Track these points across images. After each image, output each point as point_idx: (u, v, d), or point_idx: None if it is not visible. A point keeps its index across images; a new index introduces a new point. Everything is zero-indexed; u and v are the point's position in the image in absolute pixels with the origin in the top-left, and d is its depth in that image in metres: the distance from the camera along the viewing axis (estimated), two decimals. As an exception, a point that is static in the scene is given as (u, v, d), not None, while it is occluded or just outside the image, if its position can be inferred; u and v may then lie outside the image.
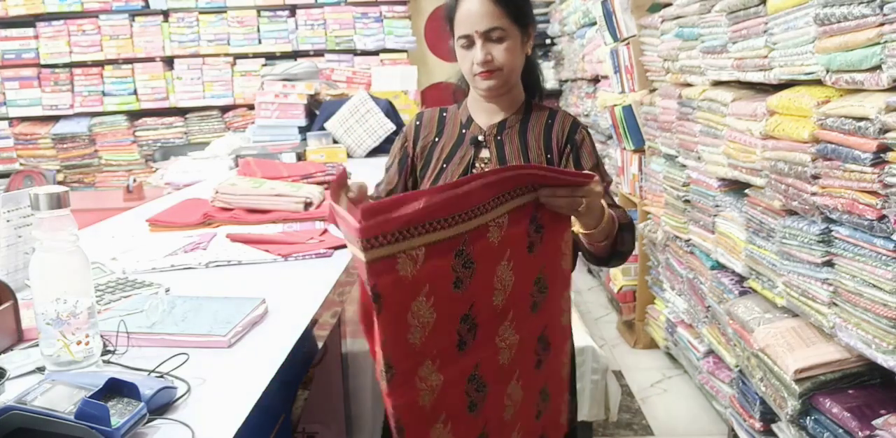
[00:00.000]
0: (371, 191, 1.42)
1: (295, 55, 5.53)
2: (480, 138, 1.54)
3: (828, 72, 1.65)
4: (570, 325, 1.35)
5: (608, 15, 3.49)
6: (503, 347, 1.16)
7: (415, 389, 1.04)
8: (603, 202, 1.31)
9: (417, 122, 1.60)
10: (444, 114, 1.61)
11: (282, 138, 3.60)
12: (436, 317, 1.04)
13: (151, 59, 5.60)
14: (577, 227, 1.32)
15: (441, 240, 1.03)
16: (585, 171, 1.21)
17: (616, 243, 1.39)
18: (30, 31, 5.54)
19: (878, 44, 1.45)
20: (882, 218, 1.48)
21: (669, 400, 2.99)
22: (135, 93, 5.62)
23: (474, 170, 1.52)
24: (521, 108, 1.56)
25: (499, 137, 1.53)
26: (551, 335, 1.26)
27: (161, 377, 1.00)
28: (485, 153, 1.53)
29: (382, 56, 5.60)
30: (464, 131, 1.56)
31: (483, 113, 1.56)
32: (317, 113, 3.69)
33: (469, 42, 1.44)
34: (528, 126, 1.54)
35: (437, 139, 1.57)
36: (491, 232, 1.09)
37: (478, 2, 1.42)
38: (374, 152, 3.49)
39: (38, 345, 1.03)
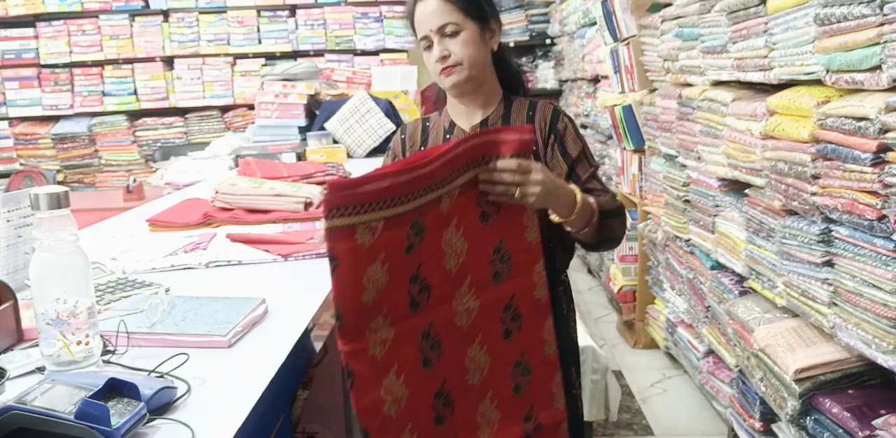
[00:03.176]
0: None
1: (295, 55, 5.54)
2: None
3: (828, 72, 1.65)
4: (547, 302, 1.34)
5: (608, 15, 3.49)
6: (460, 310, 1.23)
7: (364, 338, 1.12)
8: (577, 191, 1.36)
9: (402, 136, 1.60)
10: (427, 124, 1.60)
11: (282, 138, 3.60)
12: (389, 279, 1.13)
13: (151, 59, 5.60)
14: (552, 216, 1.37)
15: (399, 214, 1.13)
16: (525, 126, 1.33)
17: (602, 229, 1.41)
18: (30, 31, 5.54)
19: (878, 44, 1.45)
20: (882, 218, 1.48)
21: (669, 400, 2.98)
22: (135, 93, 5.63)
23: None
24: (501, 105, 1.55)
25: None
26: (522, 306, 1.31)
27: (161, 377, 1.00)
28: None
29: (382, 56, 5.61)
30: (448, 136, 1.55)
31: (463, 115, 1.55)
32: (317, 113, 3.69)
33: (428, 42, 1.45)
34: (510, 121, 1.53)
35: (422, 148, 1.57)
36: (443, 202, 1.20)
37: (429, 2, 1.44)
38: (374, 152, 3.49)
39: (38, 345, 1.03)
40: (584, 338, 2.58)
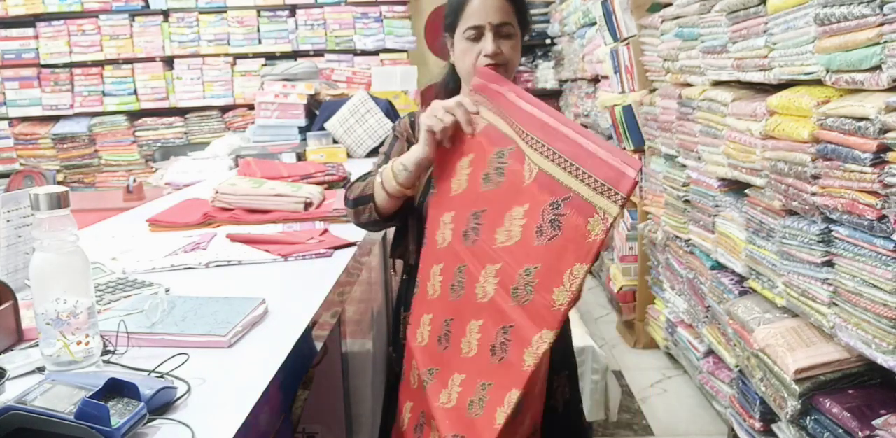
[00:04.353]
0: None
1: (295, 55, 5.54)
2: None
3: (828, 72, 1.65)
4: (529, 374, 1.12)
5: (608, 15, 3.49)
6: (481, 283, 1.22)
7: (437, 224, 1.34)
8: None
9: (412, 120, 1.58)
10: None
11: (282, 138, 3.60)
12: (465, 189, 1.30)
13: (151, 59, 5.60)
14: None
15: (497, 128, 1.27)
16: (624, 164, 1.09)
17: None
18: (30, 31, 5.54)
19: (878, 44, 1.45)
20: (882, 218, 1.48)
21: (669, 400, 2.99)
22: (135, 93, 5.62)
23: None
24: None
25: None
26: (512, 346, 1.15)
27: (161, 377, 1.00)
28: None
29: (382, 56, 5.60)
30: None
31: None
32: (317, 113, 3.68)
33: (478, 34, 1.43)
34: None
35: None
36: (525, 166, 1.20)
37: None
38: (374, 152, 3.49)
39: (38, 345, 1.03)
40: (584, 338, 2.59)
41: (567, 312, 1.10)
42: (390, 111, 3.57)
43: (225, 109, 5.65)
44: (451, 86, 1.57)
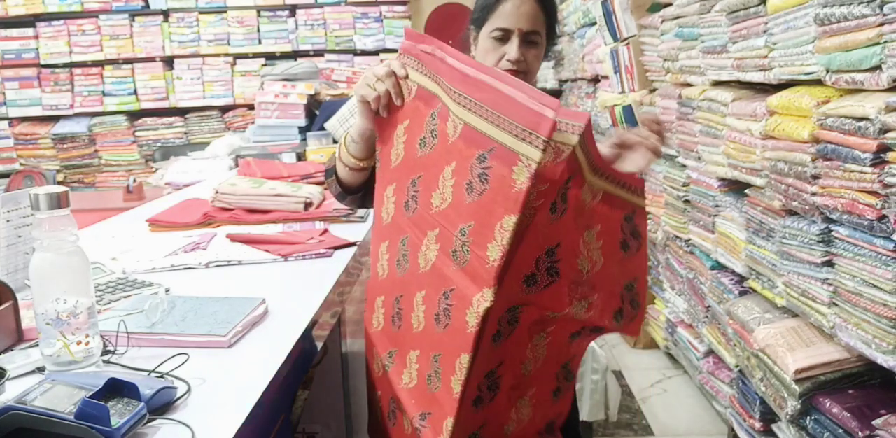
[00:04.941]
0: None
1: (295, 55, 5.54)
2: None
3: (828, 72, 1.65)
4: (472, 338, 1.07)
5: (608, 15, 3.49)
6: (423, 252, 1.18)
7: (381, 199, 1.30)
8: None
9: None
10: None
11: (282, 138, 3.59)
12: (403, 156, 1.25)
13: (151, 59, 5.60)
14: None
15: (427, 89, 1.22)
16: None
17: None
18: (30, 31, 5.54)
19: (878, 44, 1.45)
20: (882, 218, 1.48)
21: (669, 400, 2.98)
22: (135, 93, 5.63)
23: None
24: None
25: None
26: (455, 311, 1.10)
27: (161, 377, 1.00)
28: None
29: (382, 56, 5.61)
30: None
31: None
32: (317, 113, 3.68)
33: (505, 36, 1.42)
34: None
35: None
36: (449, 123, 1.14)
37: (530, 1, 1.41)
38: (374, 152, 3.48)
39: (38, 345, 1.03)
40: (584, 338, 2.58)
41: (501, 268, 1.04)
42: (390, 111, 3.56)
43: (225, 109, 5.66)
44: None
